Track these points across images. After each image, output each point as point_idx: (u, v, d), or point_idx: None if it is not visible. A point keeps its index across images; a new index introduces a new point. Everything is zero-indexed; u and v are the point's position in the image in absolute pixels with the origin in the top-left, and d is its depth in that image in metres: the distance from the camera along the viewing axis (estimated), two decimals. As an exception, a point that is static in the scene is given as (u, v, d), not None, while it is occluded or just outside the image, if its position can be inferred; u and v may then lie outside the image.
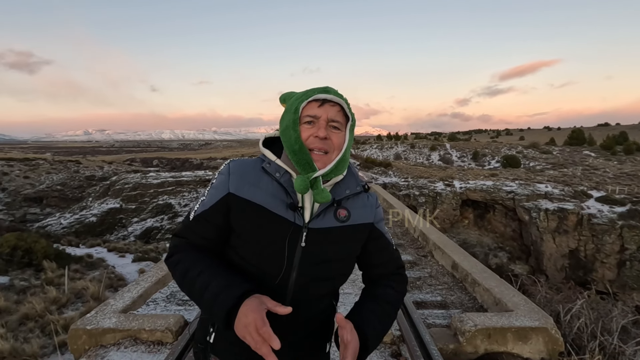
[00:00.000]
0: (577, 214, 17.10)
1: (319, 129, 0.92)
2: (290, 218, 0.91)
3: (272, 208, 0.91)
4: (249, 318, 0.77)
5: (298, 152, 0.91)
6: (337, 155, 0.94)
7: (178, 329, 2.97)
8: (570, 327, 3.60)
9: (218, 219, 0.93)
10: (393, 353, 2.78)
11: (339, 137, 0.95)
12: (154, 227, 24.65)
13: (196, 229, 0.95)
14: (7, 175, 35.49)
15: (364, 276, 1.13)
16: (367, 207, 1.03)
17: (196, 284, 0.87)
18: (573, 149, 56.32)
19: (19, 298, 6.25)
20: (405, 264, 5.23)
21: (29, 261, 8.39)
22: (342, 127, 0.96)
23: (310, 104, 0.93)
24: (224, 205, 0.93)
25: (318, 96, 0.93)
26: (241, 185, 0.93)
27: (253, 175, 0.95)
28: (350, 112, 0.97)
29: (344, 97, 0.95)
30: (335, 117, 0.93)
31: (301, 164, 0.91)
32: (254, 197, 0.91)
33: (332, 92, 0.94)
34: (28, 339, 4.62)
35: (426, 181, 23.45)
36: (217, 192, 0.94)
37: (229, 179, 0.94)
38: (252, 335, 0.76)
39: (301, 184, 0.89)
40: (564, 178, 26.29)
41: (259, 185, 0.93)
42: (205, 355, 1.00)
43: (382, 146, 69.38)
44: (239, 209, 0.92)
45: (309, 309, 0.97)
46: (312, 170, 0.91)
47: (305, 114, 0.93)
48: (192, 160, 60.44)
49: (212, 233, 0.95)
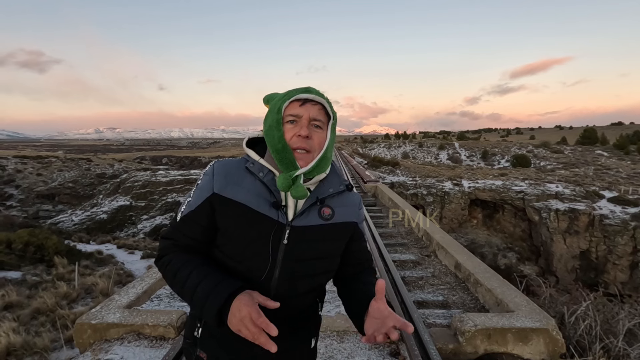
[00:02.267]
0: (589, 214, 16.82)
1: (301, 128, 0.94)
2: (273, 216, 0.93)
3: (255, 207, 0.93)
4: (242, 312, 0.80)
5: (281, 151, 0.93)
6: (318, 153, 0.96)
7: (180, 325, 3.02)
8: (575, 329, 3.55)
9: (203, 219, 0.96)
10: (392, 352, 2.79)
11: (321, 136, 0.97)
12: (162, 224, 24.97)
13: (183, 230, 0.97)
14: (21, 173, 36.28)
15: (337, 273, 1.12)
16: (350, 206, 1.06)
17: (186, 285, 0.90)
18: (585, 148, 55.30)
19: (31, 293, 6.38)
20: (408, 263, 5.23)
21: (40, 257, 8.58)
22: (323, 125, 0.98)
23: (292, 104, 0.96)
24: (209, 205, 0.95)
25: (299, 96, 0.95)
26: (225, 185, 0.95)
27: (237, 175, 0.97)
28: (332, 111, 0.99)
29: (325, 96, 0.97)
30: (317, 116, 0.96)
31: (284, 162, 0.93)
32: (238, 196, 0.94)
33: (314, 91, 0.96)
34: (39, 333, 4.72)
35: (434, 180, 23.29)
36: (202, 192, 0.96)
37: (213, 180, 0.96)
38: (248, 327, 0.79)
39: (284, 182, 0.92)
40: (576, 178, 25.84)
41: (243, 185, 0.95)
42: (194, 350, 1.02)
43: (389, 145, 69.08)
44: (223, 208, 0.94)
45: (293, 305, 0.99)
46: (295, 168, 0.93)
47: (288, 113, 0.95)
48: (201, 159, 60.99)
49: (198, 233, 0.97)
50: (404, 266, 5.11)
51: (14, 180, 34.29)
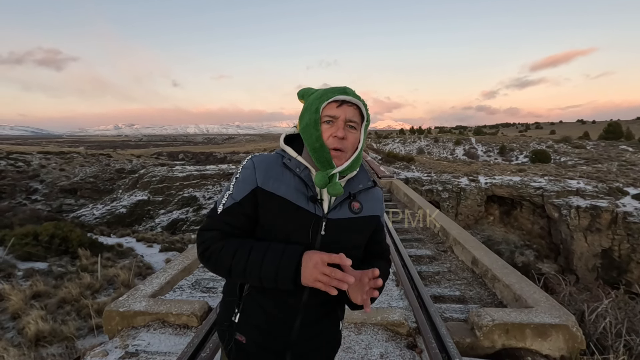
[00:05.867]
0: (612, 211, 16.30)
1: (337, 129, 0.99)
2: (311, 210, 1.00)
3: (295, 200, 0.99)
4: (314, 258, 0.90)
5: (319, 150, 0.99)
6: (352, 153, 1.03)
7: (202, 314, 3.13)
8: (595, 327, 3.50)
9: (248, 209, 1.01)
10: (409, 344, 2.82)
11: (355, 137, 1.03)
12: (179, 218, 25.51)
13: (228, 220, 1.01)
14: (45, 168, 37.56)
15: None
16: (376, 201, 1.14)
17: (250, 259, 0.94)
18: (609, 143, 53.39)
19: (57, 283, 6.64)
20: (424, 258, 5.23)
21: (65, 249, 8.91)
22: (358, 126, 1.03)
23: (329, 105, 1.00)
24: (253, 198, 1.00)
25: (337, 97, 0.99)
26: (267, 180, 1.01)
27: (276, 170, 1.03)
28: (367, 113, 1.03)
29: (361, 99, 1.02)
30: (352, 118, 1.01)
31: (321, 161, 0.99)
32: (279, 190, 1.00)
33: (351, 93, 1.01)
34: (65, 321, 4.93)
35: (450, 176, 22.97)
36: (245, 185, 1.01)
37: (255, 173, 1.01)
38: (323, 270, 0.88)
39: (321, 180, 0.98)
40: (598, 174, 25.03)
41: (282, 180, 1.01)
42: (231, 333, 1.09)
43: (404, 140, 68.30)
44: (266, 202, 1.00)
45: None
46: (331, 167, 0.99)
47: (325, 114, 1.00)
48: (216, 154, 61.77)
49: (243, 223, 1.02)
50: (420, 261, 5.11)
51: (39, 175, 35.54)
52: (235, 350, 1.08)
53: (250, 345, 1.05)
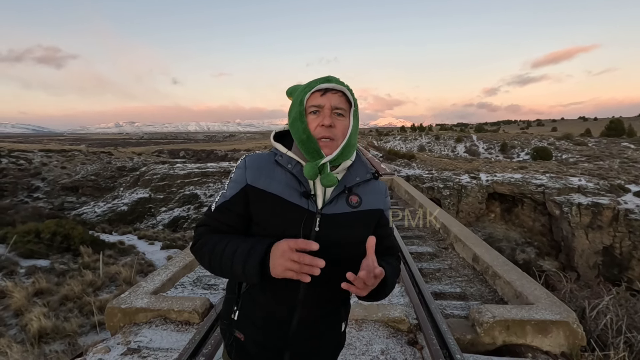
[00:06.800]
0: (613, 209, 16.26)
1: (324, 117, 0.97)
2: (304, 205, 0.98)
3: (286, 197, 0.98)
4: (280, 246, 0.86)
5: (306, 141, 0.98)
6: (342, 140, 1.00)
7: (204, 311, 3.14)
8: (596, 324, 3.51)
9: (239, 207, 1.01)
10: (410, 341, 2.83)
11: (344, 124, 1.00)
12: (181, 216, 25.54)
13: (218, 218, 1.03)
14: (46, 166, 37.64)
15: None
16: (378, 194, 1.10)
17: (225, 252, 0.94)
18: (611, 140, 53.17)
19: (59, 280, 6.67)
20: (425, 255, 5.23)
21: (67, 246, 8.94)
22: (346, 113, 1.01)
23: (313, 95, 0.99)
24: (244, 196, 1.00)
25: (320, 86, 0.98)
26: (257, 177, 1.00)
27: (268, 168, 1.02)
28: (353, 98, 1.01)
29: (345, 84, 1.00)
30: (338, 105, 0.98)
31: (309, 152, 0.98)
32: (270, 187, 0.99)
33: (334, 80, 0.99)
34: (68, 318, 4.96)
35: (451, 173, 22.94)
36: (236, 184, 1.02)
37: (245, 172, 1.02)
38: (291, 256, 0.83)
39: (310, 170, 0.96)
40: (600, 171, 24.98)
41: (274, 177, 1.00)
42: (230, 330, 1.09)
43: (405, 137, 68.17)
44: (257, 199, 0.99)
45: (324, 290, 1.03)
46: (320, 157, 0.97)
47: (310, 104, 0.99)
48: (217, 152, 61.78)
49: (233, 221, 1.02)
50: (421, 258, 5.12)
51: (40, 173, 35.62)
52: (236, 347, 1.08)
53: (249, 343, 1.05)
